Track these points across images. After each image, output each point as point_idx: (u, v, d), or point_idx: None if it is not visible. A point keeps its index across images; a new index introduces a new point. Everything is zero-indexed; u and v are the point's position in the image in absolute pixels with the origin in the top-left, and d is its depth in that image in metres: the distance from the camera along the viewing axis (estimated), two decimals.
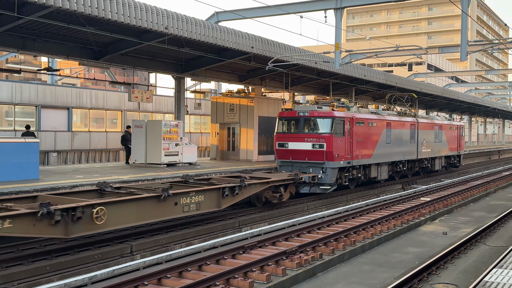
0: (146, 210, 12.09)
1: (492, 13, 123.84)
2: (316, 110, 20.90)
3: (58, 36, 17.28)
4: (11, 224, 9.40)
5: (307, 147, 20.53)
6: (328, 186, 20.44)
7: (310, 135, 20.58)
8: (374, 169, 23.76)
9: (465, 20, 19.71)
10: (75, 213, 10.31)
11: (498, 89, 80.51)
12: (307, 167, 20.48)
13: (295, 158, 20.80)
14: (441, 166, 33.78)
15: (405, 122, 27.41)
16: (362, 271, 10.97)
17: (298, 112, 21.13)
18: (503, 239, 14.28)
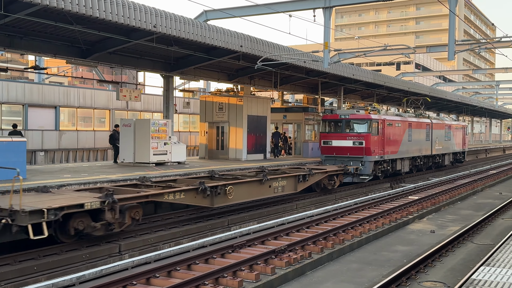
0: (253, 190, 16.96)
1: (479, 12, 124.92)
2: (355, 113, 25.24)
3: (45, 34, 17.15)
4: (184, 195, 14.07)
5: (348, 144, 24.91)
6: (366, 176, 24.80)
7: (351, 134, 24.95)
8: (399, 163, 28.18)
9: (452, 20, 19.85)
10: (217, 190, 14.99)
11: (485, 88, 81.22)
12: (348, 161, 24.49)
13: (338, 153, 25.17)
14: (449, 162, 37.90)
15: (422, 122, 31.67)
16: (351, 270, 11.01)
17: (340, 115, 25.67)
18: (490, 237, 14.40)
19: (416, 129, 30.24)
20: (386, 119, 26.14)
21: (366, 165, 24.40)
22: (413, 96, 37.30)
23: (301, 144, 31.15)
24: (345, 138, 25.09)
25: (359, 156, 24.58)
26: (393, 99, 43.34)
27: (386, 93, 37.72)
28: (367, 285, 9.82)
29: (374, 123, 24.91)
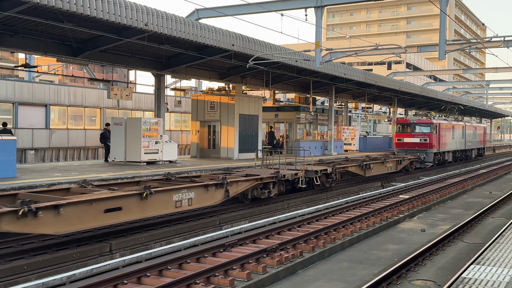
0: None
1: (470, 12, 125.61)
2: (421, 119, 35.99)
3: (35, 32, 17.04)
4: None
5: (416, 141, 35.09)
6: (430, 163, 34.86)
7: (418, 133, 35.14)
8: (446, 155, 38.34)
9: (443, 20, 19.94)
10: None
11: (475, 87, 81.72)
12: (416, 152, 34.18)
13: (408, 147, 35.17)
14: (475, 155, 48.53)
15: (460, 125, 42.00)
16: (342, 268, 11.04)
17: (410, 120, 36.40)
18: (480, 236, 14.50)
19: (457, 130, 40.45)
20: (440, 123, 36.13)
21: (429, 155, 34.63)
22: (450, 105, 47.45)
23: (293, 143, 31.17)
24: (414, 136, 35.31)
25: (424, 149, 34.68)
26: (384, 98, 43.49)
27: (377, 92, 37.87)
28: (358, 284, 9.85)
29: (434, 126, 35.04)
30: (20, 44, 17.05)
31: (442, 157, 36.99)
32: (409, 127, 35.80)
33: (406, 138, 35.62)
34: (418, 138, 35.02)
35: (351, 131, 38.74)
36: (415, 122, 35.51)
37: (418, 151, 34.51)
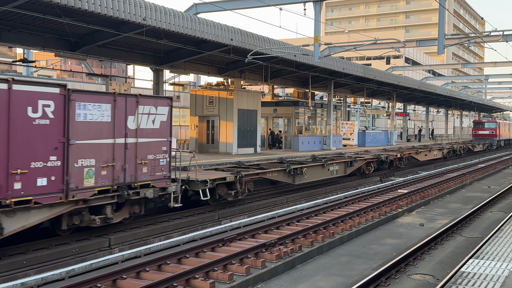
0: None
1: (469, 6, 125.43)
2: (489, 119, 59.18)
3: (33, 27, 16.97)
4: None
5: (487, 133, 56.65)
6: (495, 147, 57.03)
7: (488, 128, 56.94)
8: (501, 142, 60.99)
9: (442, 14, 19.91)
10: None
11: (474, 82, 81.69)
12: (486, 140, 54.94)
13: (482, 137, 56.01)
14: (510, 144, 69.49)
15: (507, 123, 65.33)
16: (341, 263, 11.06)
17: (482, 119, 59.53)
18: (478, 230, 14.52)
19: (506, 126, 63.73)
20: (500, 122, 59.26)
21: (494, 142, 56.93)
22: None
23: (291, 138, 31.17)
24: (485, 130, 57.08)
25: (492, 138, 56.51)
26: (383, 93, 43.47)
27: (376, 87, 37.84)
28: (356, 278, 9.87)
29: (497, 123, 57.39)
30: (18, 39, 16.99)
31: (499, 144, 59.24)
32: (481, 124, 57.51)
33: (480, 131, 57.05)
34: (488, 131, 56.60)
35: (350, 126, 38.74)
36: (485, 121, 57.73)
37: (488, 139, 55.70)
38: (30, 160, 10.00)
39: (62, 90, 10.61)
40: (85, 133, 11.18)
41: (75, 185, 10.90)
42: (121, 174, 12.11)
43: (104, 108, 11.65)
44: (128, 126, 12.30)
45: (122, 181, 12.13)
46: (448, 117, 72.41)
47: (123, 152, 12.17)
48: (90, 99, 11.31)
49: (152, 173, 12.94)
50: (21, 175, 9.81)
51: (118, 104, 12.02)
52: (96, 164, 11.45)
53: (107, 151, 11.76)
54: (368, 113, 50.72)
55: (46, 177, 10.29)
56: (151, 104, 12.90)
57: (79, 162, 11.00)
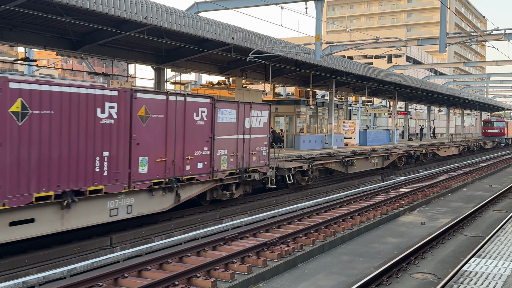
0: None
1: (470, 5, 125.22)
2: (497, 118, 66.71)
3: (35, 26, 16.97)
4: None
5: (495, 132, 60.82)
6: (503, 144, 61.03)
7: (496, 127, 61.37)
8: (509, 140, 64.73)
9: (444, 13, 19.87)
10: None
11: (475, 81, 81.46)
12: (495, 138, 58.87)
13: (490, 135, 60.03)
14: None
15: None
16: (342, 262, 11.06)
17: (491, 119, 64.03)
18: (480, 229, 14.51)
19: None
20: (508, 121, 63.31)
21: (503, 140, 60.52)
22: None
23: (293, 137, 31.16)
24: (494, 129, 61.11)
25: (500, 136, 60.22)
26: (384, 92, 43.41)
27: (377, 86, 37.79)
28: (358, 277, 9.87)
29: (505, 123, 61.58)
30: (19, 37, 16.99)
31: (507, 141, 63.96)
32: (490, 123, 62.03)
33: (489, 130, 61.42)
34: (496, 130, 61.01)
35: (351, 124, 38.70)
36: (494, 121, 62.58)
37: (497, 138, 59.53)
38: (194, 150, 14.24)
39: (211, 100, 14.89)
40: (222, 131, 15.35)
41: (216, 168, 15.12)
42: (241, 161, 16.27)
43: (232, 112, 15.82)
44: (245, 125, 16.47)
45: (241, 166, 16.30)
46: (450, 116, 72.31)
47: (242, 145, 16.33)
48: (225, 106, 15.48)
49: (258, 162, 17.16)
50: (190, 160, 14.04)
51: (240, 109, 16.22)
52: (227, 153, 15.64)
53: (233, 144, 15.91)
54: (370, 112, 50.67)
55: (202, 162, 14.51)
56: (258, 109, 17.13)
57: (219, 152, 15.27)
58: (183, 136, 13.76)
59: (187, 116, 13.88)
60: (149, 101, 12.71)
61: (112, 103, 11.67)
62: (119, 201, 12.06)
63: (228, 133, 15.58)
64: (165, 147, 13.18)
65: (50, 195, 10.31)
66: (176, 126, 13.55)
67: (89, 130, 11.15)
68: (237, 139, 16.02)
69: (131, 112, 12.13)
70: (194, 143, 14.12)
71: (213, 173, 14.92)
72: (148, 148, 12.66)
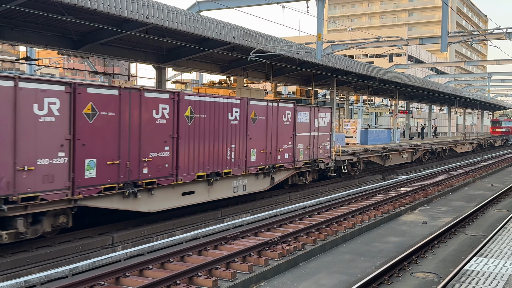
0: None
1: (472, 4, 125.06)
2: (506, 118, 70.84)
3: (36, 25, 16.98)
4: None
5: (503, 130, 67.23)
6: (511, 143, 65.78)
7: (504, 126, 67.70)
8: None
9: (445, 11, 19.85)
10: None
11: (477, 80, 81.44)
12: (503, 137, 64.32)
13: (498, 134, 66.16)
14: None
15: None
16: (343, 261, 11.06)
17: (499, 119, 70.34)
18: (482, 229, 14.50)
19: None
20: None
21: (510, 138, 64.77)
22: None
23: None
24: (501, 128, 66.13)
25: (508, 135, 64.83)
26: (386, 91, 43.39)
27: (378, 85, 37.77)
28: (359, 276, 9.86)
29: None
30: (21, 37, 17.00)
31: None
32: (499, 123, 67.33)
33: (497, 129, 67.00)
34: (504, 129, 66.42)
35: (352, 124, 38.68)
36: (502, 120, 67.89)
37: (504, 136, 64.48)
38: (283, 144, 18.08)
39: (294, 105, 18.75)
40: (300, 129, 19.10)
41: (296, 158, 18.99)
42: (312, 154, 20.05)
43: (306, 114, 19.59)
44: (314, 125, 20.15)
45: (312, 158, 20.08)
46: (451, 115, 72.26)
47: (313, 140, 20.07)
48: (302, 110, 19.27)
49: (323, 154, 20.97)
50: (280, 152, 17.92)
51: (311, 111, 19.92)
52: (303, 147, 19.39)
53: (307, 140, 19.67)
54: (371, 111, 50.65)
55: (288, 153, 18.40)
56: (323, 111, 20.88)
57: (298, 145, 19.03)
58: (276, 133, 17.72)
59: (279, 117, 17.83)
60: (258, 107, 16.75)
61: (236, 108, 15.75)
62: (239, 181, 16.22)
63: (303, 131, 19.46)
64: (265, 142, 17.14)
65: (204, 175, 14.45)
66: (272, 126, 17.46)
67: (224, 129, 15.19)
68: (309, 135, 19.88)
69: (247, 115, 16.28)
70: (283, 139, 18.09)
71: (295, 162, 18.93)
72: (256, 142, 16.69)
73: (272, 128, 17.48)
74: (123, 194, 12.07)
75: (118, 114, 11.79)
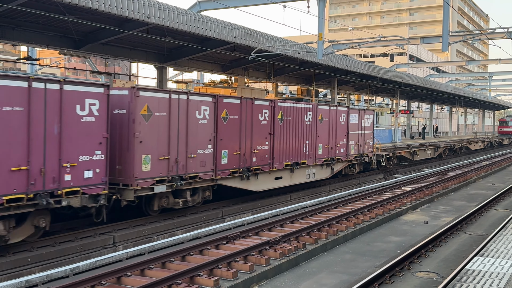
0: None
1: (473, 3, 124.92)
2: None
3: (37, 25, 16.99)
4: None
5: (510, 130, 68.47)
6: None
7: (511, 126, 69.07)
8: None
9: (447, 11, 19.84)
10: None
11: (478, 79, 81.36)
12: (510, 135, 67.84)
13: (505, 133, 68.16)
14: None
15: None
16: (345, 260, 11.05)
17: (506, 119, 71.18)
18: (483, 228, 14.48)
19: None
20: None
21: None
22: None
23: None
24: (509, 127, 67.97)
25: None
26: (387, 90, 43.37)
27: (379, 84, 37.77)
28: (360, 276, 9.86)
29: None
30: (22, 37, 17.01)
31: None
32: (506, 122, 69.51)
33: (504, 128, 69.03)
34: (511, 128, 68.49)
35: None
36: (509, 120, 69.40)
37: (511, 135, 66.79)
38: (339, 140, 22.13)
39: (347, 108, 22.89)
40: (351, 128, 23.04)
41: (349, 153, 22.95)
42: (359, 148, 24.02)
43: (356, 116, 23.51)
44: (361, 125, 24.01)
45: (360, 152, 24.09)
46: (452, 115, 72.21)
47: (360, 138, 24.01)
48: (353, 112, 23.27)
49: (368, 149, 24.95)
50: (338, 147, 21.99)
51: (360, 114, 23.91)
52: (354, 143, 23.36)
53: (356, 137, 23.60)
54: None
55: (343, 148, 22.43)
56: (368, 114, 24.84)
57: (350, 142, 23.03)
58: (336, 132, 21.76)
59: (337, 118, 21.94)
60: (323, 111, 20.84)
61: (309, 112, 19.74)
62: (310, 170, 20.24)
63: (354, 130, 23.31)
64: (328, 138, 21.22)
65: (289, 164, 18.57)
66: (332, 126, 21.49)
67: (301, 128, 19.27)
68: (358, 134, 23.75)
69: (316, 117, 20.27)
70: (340, 136, 22.13)
71: (348, 155, 22.89)
72: (322, 139, 20.64)
73: (332, 128, 21.56)
74: (241, 177, 16.32)
75: (239, 118, 15.94)
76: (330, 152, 21.32)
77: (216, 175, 15.08)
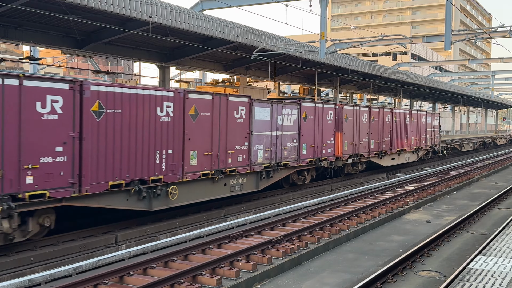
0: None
1: (476, 2, 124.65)
2: None
3: (40, 25, 17.00)
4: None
5: None
6: None
7: None
8: None
9: (449, 10, 19.80)
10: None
11: (481, 78, 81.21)
12: None
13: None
14: None
15: None
16: (347, 259, 11.05)
17: None
18: (486, 227, 14.46)
19: None
20: None
21: None
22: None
23: None
24: None
25: None
26: (389, 89, 43.30)
27: (382, 83, 37.70)
28: (363, 275, 9.86)
29: None
30: (24, 36, 17.02)
31: None
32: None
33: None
34: None
35: None
36: None
37: None
38: (421, 135, 31.34)
39: (426, 112, 30.79)
40: (428, 126, 31.61)
41: (426, 144, 31.83)
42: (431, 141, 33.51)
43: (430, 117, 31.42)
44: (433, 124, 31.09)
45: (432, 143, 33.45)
46: (455, 114, 72.08)
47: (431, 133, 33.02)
48: (429, 115, 32.14)
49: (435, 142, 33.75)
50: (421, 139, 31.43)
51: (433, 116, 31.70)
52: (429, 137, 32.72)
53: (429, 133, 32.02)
54: None
55: (423, 140, 31.69)
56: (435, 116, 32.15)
57: (427, 136, 32.71)
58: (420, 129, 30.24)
59: (420, 119, 29.64)
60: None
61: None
62: (407, 155, 26.22)
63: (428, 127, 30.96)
64: (416, 134, 30.15)
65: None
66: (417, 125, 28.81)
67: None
68: (431, 130, 32.82)
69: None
70: (421, 132, 30.58)
71: (426, 145, 31.21)
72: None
73: (418, 126, 30.39)
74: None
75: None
76: (418, 143, 30.71)
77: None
